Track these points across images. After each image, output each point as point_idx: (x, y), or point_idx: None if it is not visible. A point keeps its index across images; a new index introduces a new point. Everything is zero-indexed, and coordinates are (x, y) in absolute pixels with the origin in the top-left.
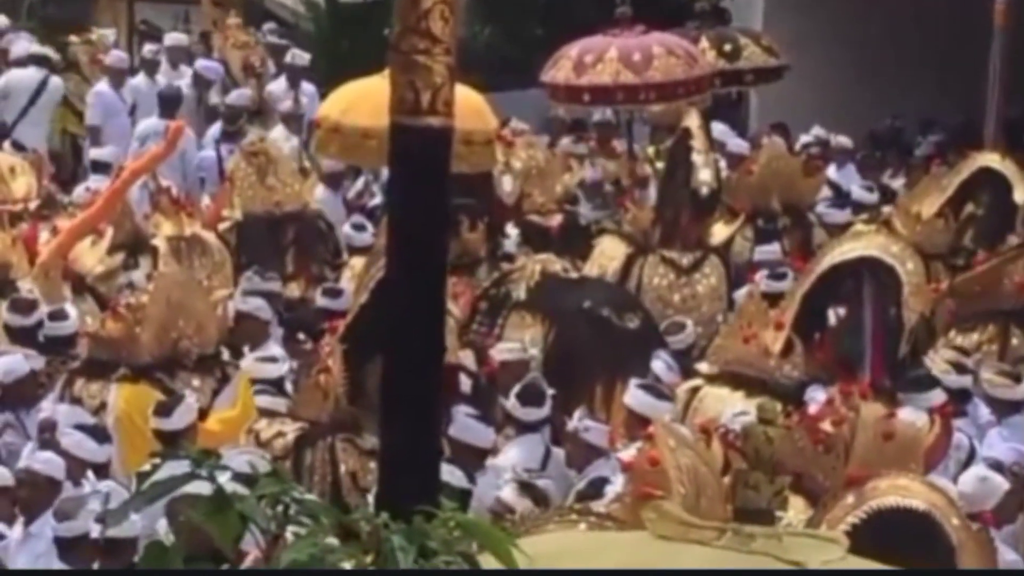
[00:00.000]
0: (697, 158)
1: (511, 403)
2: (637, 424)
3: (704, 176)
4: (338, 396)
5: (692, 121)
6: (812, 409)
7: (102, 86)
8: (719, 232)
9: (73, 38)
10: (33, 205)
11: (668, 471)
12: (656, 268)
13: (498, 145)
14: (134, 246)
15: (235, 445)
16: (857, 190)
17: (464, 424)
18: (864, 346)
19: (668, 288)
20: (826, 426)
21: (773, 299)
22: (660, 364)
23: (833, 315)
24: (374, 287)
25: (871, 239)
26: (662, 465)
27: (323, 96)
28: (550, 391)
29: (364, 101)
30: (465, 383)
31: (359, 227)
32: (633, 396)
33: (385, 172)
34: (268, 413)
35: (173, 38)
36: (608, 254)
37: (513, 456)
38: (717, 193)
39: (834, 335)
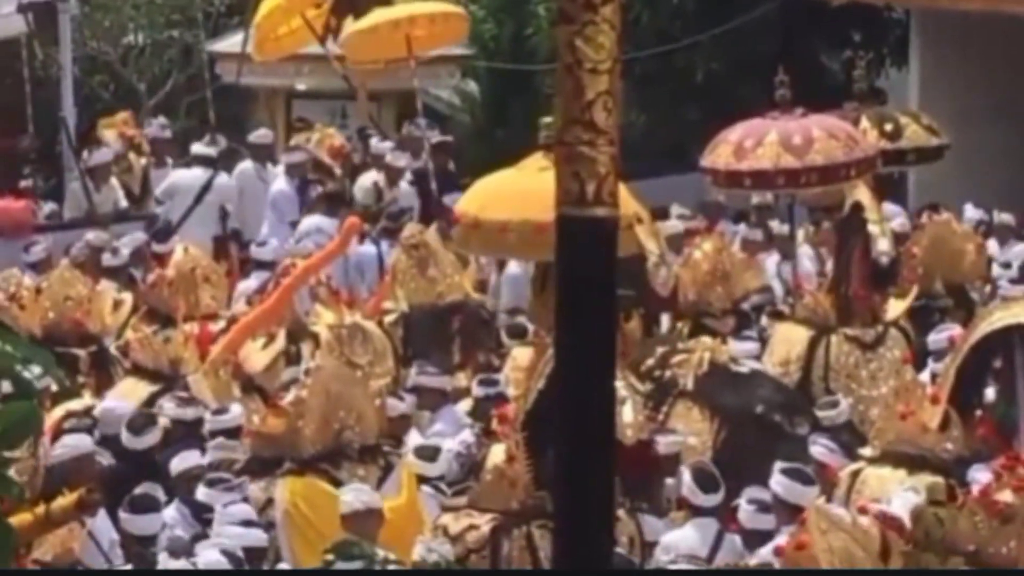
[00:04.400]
0: (873, 228)
1: (687, 488)
2: (785, 512)
3: (883, 246)
4: (526, 483)
5: (862, 194)
6: (983, 482)
7: (281, 183)
8: (894, 307)
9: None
10: (217, 326)
11: (818, 555)
12: (841, 347)
13: (658, 231)
14: (295, 335)
15: (415, 537)
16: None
17: None
18: (1018, 414)
19: (855, 366)
20: (1004, 496)
21: None
22: (820, 449)
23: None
24: (550, 373)
25: (1021, 306)
26: (811, 550)
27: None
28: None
29: (501, 195)
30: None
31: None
32: (778, 483)
33: None
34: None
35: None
36: (788, 339)
37: (687, 538)
38: (897, 262)
39: (992, 407)
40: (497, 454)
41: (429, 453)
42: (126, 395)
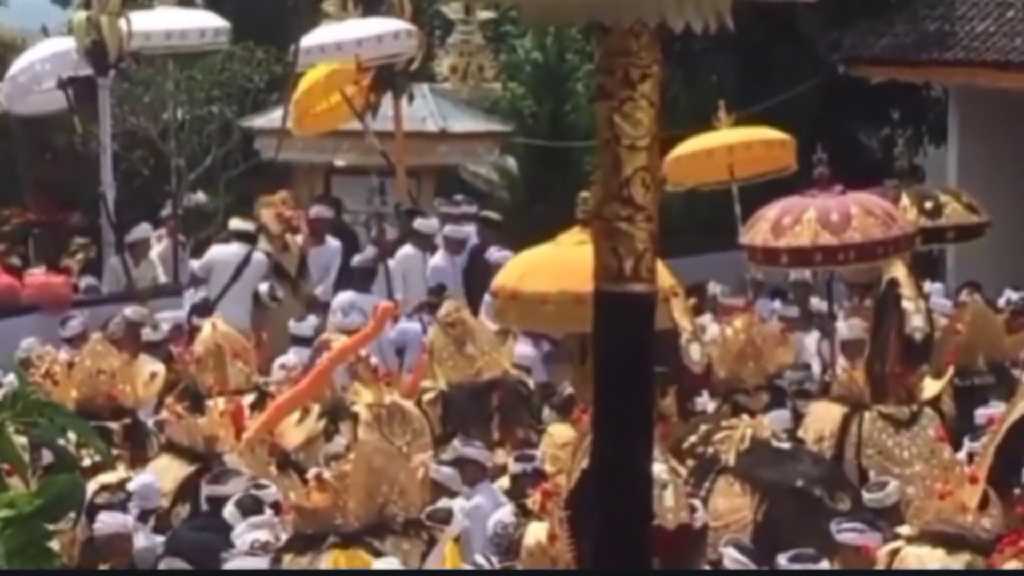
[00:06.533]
0: (908, 305)
1: (736, 563)
2: None
3: (917, 322)
4: (567, 563)
5: (899, 271)
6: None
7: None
8: (929, 387)
9: None
10: (247, 400)
11: None
12: (875, 424)
13: (692, 309)
14: (334, 414)
15: None
16: None
17: None
18: None
19: (889, 444)
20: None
21: None
22: (850, 535)
23: None
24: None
25: None
26: None
27: None
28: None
29: (539, 267)
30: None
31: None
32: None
33: None
34: None
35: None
36: (822, 417)
37: None
38: (931, 339)
39: None
40: (535, 532)
41: (442, 516)
42: (161, 473)
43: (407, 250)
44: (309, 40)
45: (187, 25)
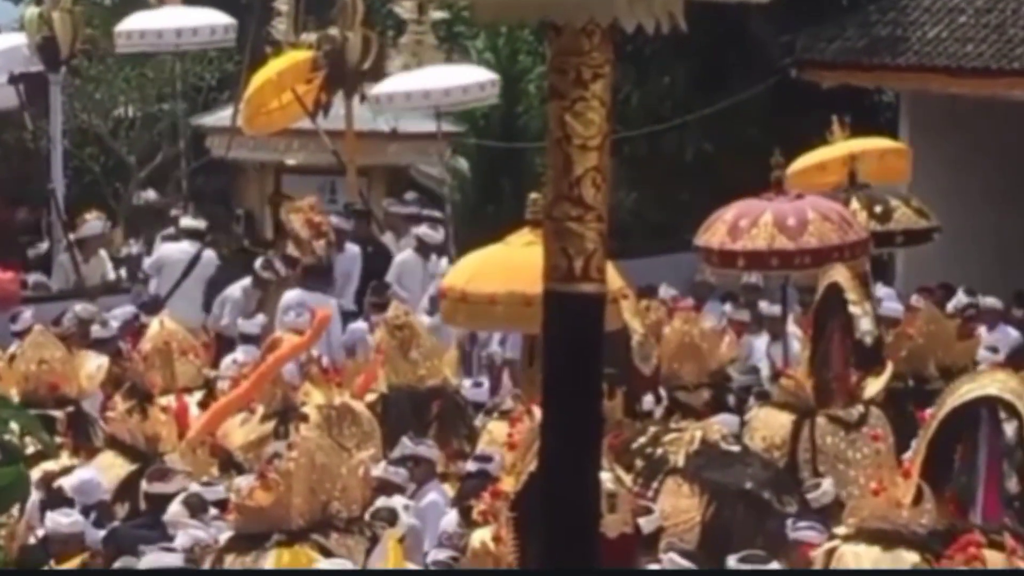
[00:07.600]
0: (855, 309)
1: (675, 563)
2: None
3: (866, 326)
4: (509, 564)
5: (840, 275)
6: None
7: None
8: (871, 385)
9: None
10: (195, 398)
11: None
12: (826, 428)
13: (643, 311)
14: (284, 414)
15: None
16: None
17: None
18: (977, 486)
19: (842, 446)
20: None
21: None
22: (808, 533)
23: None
24: None
25: (989, 377)
26: None
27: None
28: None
29: (488, 268)
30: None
31: (477, 384)
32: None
33: None
34: None
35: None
36: (770, 424)
37: None
38: (881, 341)
39: (955, 479)
40: (480, 535)
41: (386, 515)
42: (105, 469)
43: (407, 255)
44: (387, 87)
45: (197, 23)
